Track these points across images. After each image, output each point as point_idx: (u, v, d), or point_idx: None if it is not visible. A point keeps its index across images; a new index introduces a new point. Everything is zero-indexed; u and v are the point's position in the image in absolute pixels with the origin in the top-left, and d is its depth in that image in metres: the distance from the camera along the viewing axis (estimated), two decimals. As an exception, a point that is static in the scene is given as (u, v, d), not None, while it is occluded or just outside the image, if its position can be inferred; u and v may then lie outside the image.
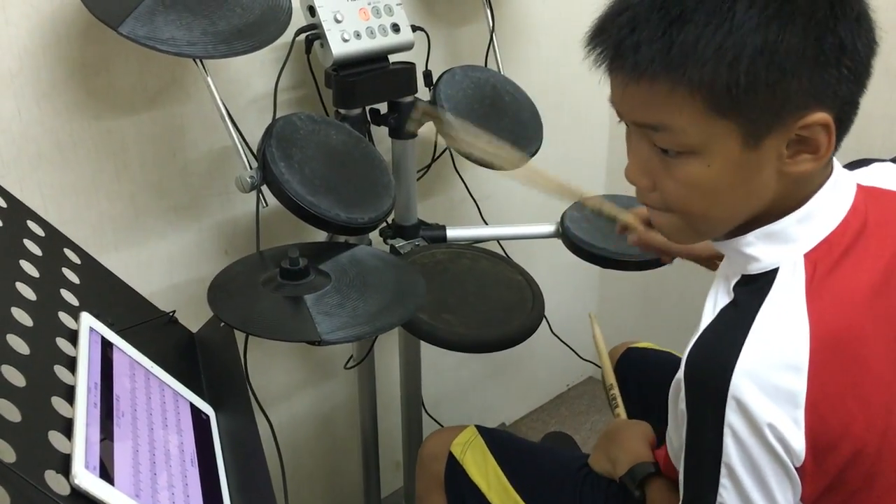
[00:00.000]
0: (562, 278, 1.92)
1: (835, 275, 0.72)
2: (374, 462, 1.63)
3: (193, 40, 1.05)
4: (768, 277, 0.73)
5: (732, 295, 0.76)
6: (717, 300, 0.77)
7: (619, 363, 1.34)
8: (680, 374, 0.74)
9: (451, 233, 1.46)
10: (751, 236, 0.76)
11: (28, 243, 0.85)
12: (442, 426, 1.77)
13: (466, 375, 1.98)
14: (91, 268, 0.94)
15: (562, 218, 1.45)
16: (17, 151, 1.12)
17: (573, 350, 1.78)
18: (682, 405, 0.74)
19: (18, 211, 0.89)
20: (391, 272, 1.12)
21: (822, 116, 0.68)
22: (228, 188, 1.35)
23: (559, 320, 1.66)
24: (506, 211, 1.80)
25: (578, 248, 1.40)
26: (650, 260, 1.32)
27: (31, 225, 0.88)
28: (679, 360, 0.75)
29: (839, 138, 0.72)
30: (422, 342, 1.49)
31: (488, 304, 1.27)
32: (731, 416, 0.69)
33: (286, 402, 1.62)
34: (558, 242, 1.45)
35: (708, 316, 0.76)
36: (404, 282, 1.10)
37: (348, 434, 1.73)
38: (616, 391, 1.22)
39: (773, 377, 0.68)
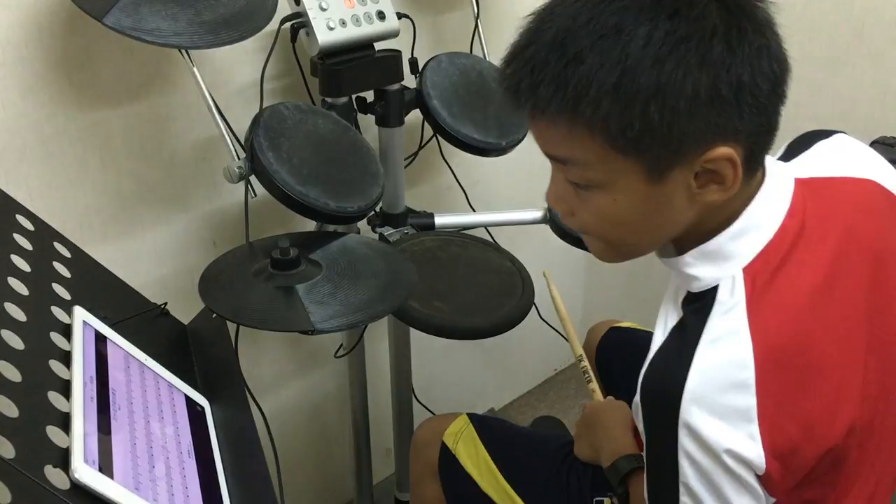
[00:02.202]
0: (549, 263, 1.92)
1: (774, 285, 0.72)
2: (365, 449, 1.64)
3: (179, 31, 1.04)
4: (710, 296, 0.74)
5: (681, 313, 0.76)
6: (667, 318, 0.78)
7: (601, 342, 1.34)
8: (637, 397, 0.75)
9: (440, 220, 1.46)
10: (688, 256, 0.76)
11: (18, 238, 0.84)
12: (432, 412, 1.78)
13: (455, 362, 1.99)
14: (82, 261, 0.93)
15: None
16: (2, 145, 1.11)
17: (561, 335, 1.79)
18: (641, 426, 0.75)
19: (7, 205, 0.88)
20: (381, 260, 1.12)
21: (725, 152, 0.68)
22: (215, 179, 1.35)
23: (547, 305, 1.67)
24: (493, 197, 1.80)
25: (566, 234, 1.40)
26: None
27: (21, 219, 0.88)
28: None
29: (758, 160, 0.73)
30: (411, 329, 1.49)
31: (478, 291, 1.28)
32: (685, 441, 0.70)
33: (276, 391, 1.62)
34: (546, 228, 1.46)
35: (659, 336, 0.77)
36: (395, 269, 1.10)
37: (339, 422, 1.74)
38: (587, 363, 1.23)
39: (721, 398, 0.69)
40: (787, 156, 0.89)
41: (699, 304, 0.74)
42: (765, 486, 0.72)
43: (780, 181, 0.77)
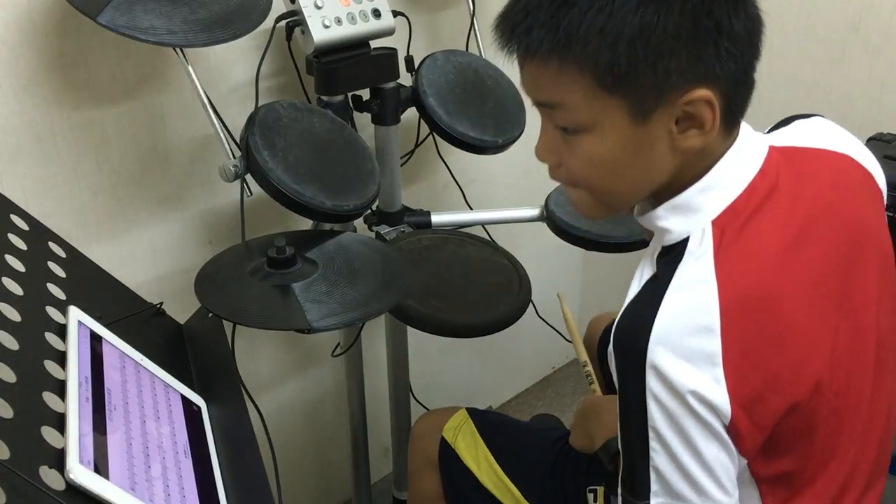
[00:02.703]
0: (547, 261, 1.93)
1: (742, 237, 0.75)
2: (363, 448, 1.64)
3: (173, 29, 1.03)
4: (680, 247, 0.77)
5: (655, 268, 0.79)
6: (642, 273, 0.81)
7: (605, 332, 1.35)
8: (610, 346, 0.77)
9: (436, 218, 1.46)
10: (660, 210, 0.80)
11: (13, 238, 0.84)
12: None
13: (453, 360, 1.99)
14: (77, 261, 0.93)
15: (546, 201, 1.45)
16: (-4, 144, 1.10)
17: (559, 332, 1.79)
18: (615, 376, 0.77)
19: (2, 205, 0.88)
20: (378, 258, 1.12)
21: (703, 93, 0.72)
22: (211, 178, 1.34)
23: (544, 303, 1.67)
24: (490, 195, 1.80)
25: (563, 231, 1.40)
26: (633, 241, 1.33)
27: (15, 219, 0.88)
28: None
29: (734, 112, 0.76)
30: (408, 328, 1.49)
31: (475, 289, 1.28)
32: (652, 383, 0.72)
33: (274, 390, 1.62)
34: (543, 226, 1.46)
35: (634, 289, 0.80)
36: (392, 268, 1.10)
37: (336, 421, 1.74)
38: (590, 368, 1.24)
39: (686, 341, 0.71)
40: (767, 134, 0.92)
41: (670, 256, 0.78)
42: (733, 440, 0.73)
43: (751, 143, 0.80)
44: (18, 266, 0.80)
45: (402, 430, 1.66)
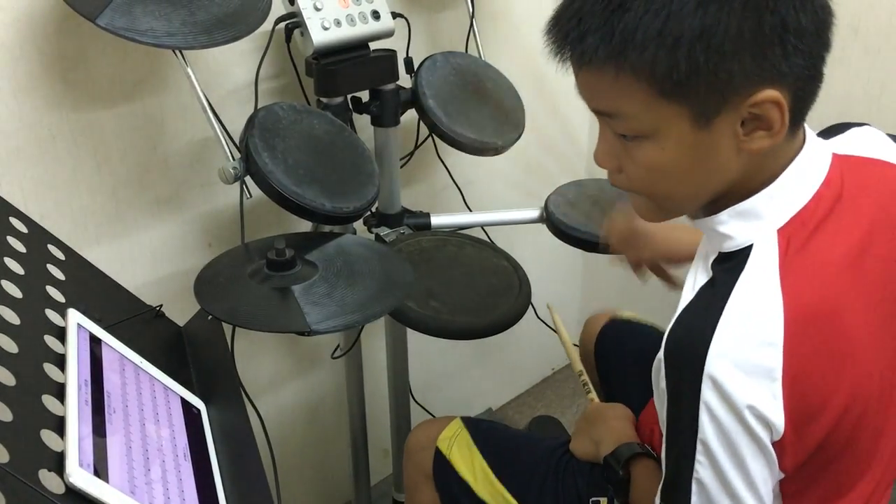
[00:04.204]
0: (546, 263, 1.93)
1: (808, 248, 0.73)
2: (363, 450, 1.64)
3: (173, 31, 1.03)
4: (743, 255, 0.75)
5: (711, 273, 0.77)
6: (696, 279, 0.78)
7: (601, 334, 1.34)
8: (660, 353, 0.75)
9: (436, 220, 1.46)
10: (723, 215, 0.77)
11: (11, 240, 0.84)
12: (429, 413, 1.78)
13: (453, 362, 1.99)
14: (76, 263, 0.93)
15: (546, 203, 1.45)
16: (-5, 147, 1.10)
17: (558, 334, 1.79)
18: (663, 384, 0.75)
19: (0, 208, 0.88)
20: (378, 260, 1.12)
21: (771, 94, 0.68)
22: (210, 180, 1.34)
23: (544, 305, 1.67)
24: (489, 197, 1.80)
25: (563, 233, 1.40)
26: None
27: (14, 221, 0.87)
28: (663, 333, 0.76)
29: (802, 110, 0.73)
30: (408, 329, 1.49)
31: (475, 291, 1.28)
32: (707, 394, 0.70)
33: (273, 392, 1.61)
34: (542, 227, 1.46)
35: (687, 295, 0.77)
36: (391, 270, 1.10)
37: (336, 423, 1.74)
38: (586, 377, 1.24)
39: (747, 354, 0.70)
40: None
41: (731, 263, 0.75)
42: (777, 456, 0.72)
43: (818, 150, 0.78)
44: (17, 269, 0.80)
45: (402, 431, 1.66)
